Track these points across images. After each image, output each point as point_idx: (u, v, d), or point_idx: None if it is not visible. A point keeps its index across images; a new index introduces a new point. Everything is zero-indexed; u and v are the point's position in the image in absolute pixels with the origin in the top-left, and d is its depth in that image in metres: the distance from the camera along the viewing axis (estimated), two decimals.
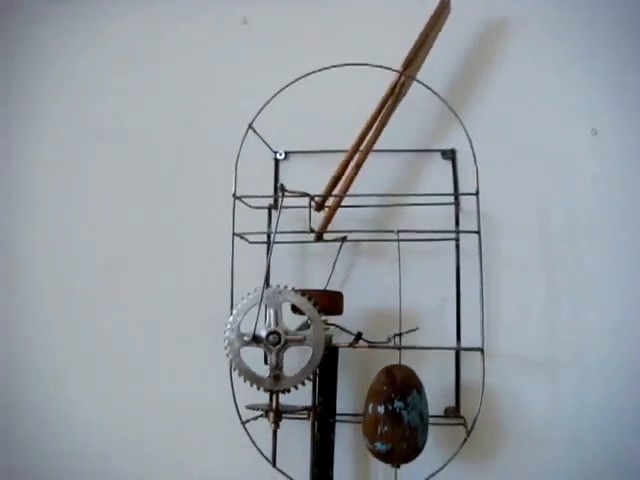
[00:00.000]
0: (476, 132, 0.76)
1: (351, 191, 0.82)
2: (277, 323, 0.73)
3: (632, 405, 0.85)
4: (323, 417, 0.80)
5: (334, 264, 0.87)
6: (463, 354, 0.86)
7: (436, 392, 0.83)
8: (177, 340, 0.94)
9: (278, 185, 0.74)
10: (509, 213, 0.88)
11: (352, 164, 0.82)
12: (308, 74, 0.77)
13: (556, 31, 0.92)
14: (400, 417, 0.71)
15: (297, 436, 0.83)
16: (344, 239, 0.88)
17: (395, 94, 0.83)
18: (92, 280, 0.97)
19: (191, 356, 0.93)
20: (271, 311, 0.74)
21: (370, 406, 0.74)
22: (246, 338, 0.72)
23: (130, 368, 0.95)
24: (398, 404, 0.72)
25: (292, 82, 0.77)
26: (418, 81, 0.77)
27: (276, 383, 0.73)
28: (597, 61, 0.91)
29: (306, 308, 0.73)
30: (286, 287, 0.74)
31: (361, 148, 0.83)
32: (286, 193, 0.75)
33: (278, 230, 0.75)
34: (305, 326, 0.75)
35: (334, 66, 0.76)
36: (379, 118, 0.83)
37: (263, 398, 0.80)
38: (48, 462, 0.96)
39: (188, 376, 0.93)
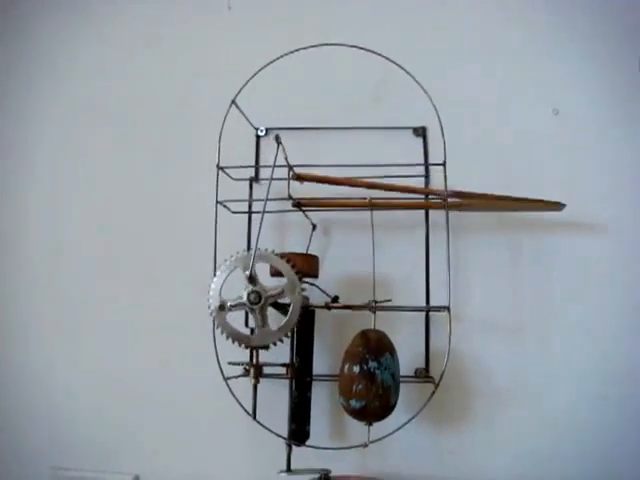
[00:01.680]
0: (446, 113, 0.81)
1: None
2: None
3: (592, 368, 0.91)
4: (300, 376, 0.84)
5: (307, 248, 0.91)
6: (433, 320, 0.91)
7: (408, 355, 0.89)
8: (162, 302, 0.99)
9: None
10: (476, 186, 0.92)
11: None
12: (289, 53, 0.82)
13: (523, 14, 0.98)
14: (374, 376, 0.76)
15: (276, 395, 0.88)
16: (314, 227, 0.93)
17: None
18: (81, 247, 1.02)
19: (176, 317, 0.97)
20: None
21: (346, 366, 0.78)
22: (247, 272, 0.76)
23: (115, 328, 0.99)
24: (372, 364, 0.76)
25: (274, 60, 0.82)
26: (391, 60, 0.82)
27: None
28: (561, 41, 0.97)
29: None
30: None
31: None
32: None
33: (260, 199, 0.80)
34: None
35: (313, 46, 0.82)
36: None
37: (244, 357, 0.83)
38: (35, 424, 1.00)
39: (173, 336, 0.97)
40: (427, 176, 0.91)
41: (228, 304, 0.77)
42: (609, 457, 0.88)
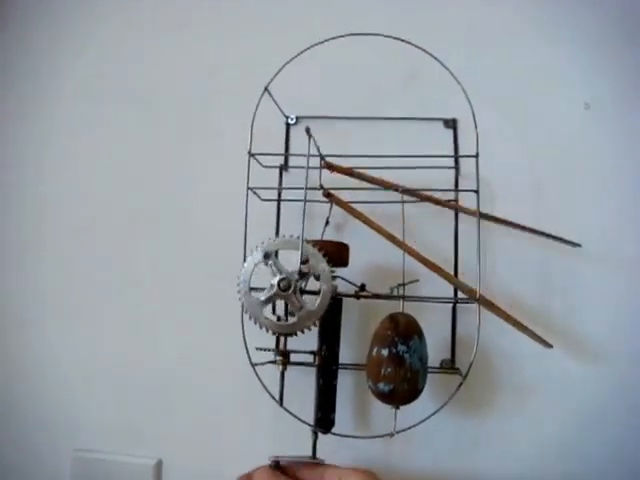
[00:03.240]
0: (476, 106, 0.81)
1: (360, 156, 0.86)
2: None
3: (620, 362, 0.91)
4: (326, 364, 0.84)
5: (322, 235, 0.90)
6: (460, 311, 0.91)
7: (433, 345, 0.88)
8: (189, 287, 0.99)
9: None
10: (505, 179, 0.94)
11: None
12: (323, 41, 0.81)
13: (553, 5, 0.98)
14: (402, 360, 0.76)
15: (303, 383, 0.88)
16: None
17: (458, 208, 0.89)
18: (110, 230, 1.02)
19: (203, 302, 0.98)
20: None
21: (374, 349, 0.78)
22: (300, 267, 0.76)
23: (140, 312, 1.00)
24: (401, 347, 0.77)
25: (307, 48, 0.81)
26: (425, 51, 0.82)
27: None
28: (592, 34, 0.97)
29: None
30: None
31: None
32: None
33: (294, 188, 0.82)
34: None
35: (349, 34, 0.81)
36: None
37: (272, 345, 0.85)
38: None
39: (200, 321, 0.98)
40: (457, 168, 0.91)
41: (270, 261, 0.77)
42: (637, 452, 0.89)
